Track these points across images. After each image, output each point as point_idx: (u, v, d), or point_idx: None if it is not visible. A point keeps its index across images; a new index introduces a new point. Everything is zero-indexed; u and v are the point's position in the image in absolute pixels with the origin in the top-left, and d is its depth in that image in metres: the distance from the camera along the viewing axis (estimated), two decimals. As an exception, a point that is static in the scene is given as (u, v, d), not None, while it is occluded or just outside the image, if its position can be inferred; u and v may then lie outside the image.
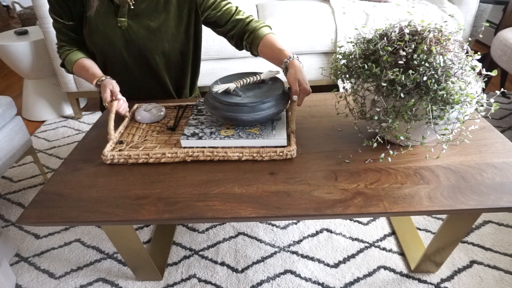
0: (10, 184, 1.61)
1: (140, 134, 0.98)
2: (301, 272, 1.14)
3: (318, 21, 1.87)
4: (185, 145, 0.89)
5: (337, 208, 0.72)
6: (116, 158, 0.88)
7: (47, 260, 1.23)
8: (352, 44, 0.87)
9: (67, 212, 0.75)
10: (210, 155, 0.87)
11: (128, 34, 1.04)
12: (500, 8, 2.43)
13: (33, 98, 2.12)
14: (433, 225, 1.27)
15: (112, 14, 1.03)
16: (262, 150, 0.86)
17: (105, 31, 1.03)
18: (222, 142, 0.88)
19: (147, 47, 1.06)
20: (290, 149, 0.85)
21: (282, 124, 0.93)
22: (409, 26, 0.79)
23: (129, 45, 1.06)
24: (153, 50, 1.07)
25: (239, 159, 0.87)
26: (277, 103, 0.88)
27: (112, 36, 1.04)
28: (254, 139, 0.87)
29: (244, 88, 0.93)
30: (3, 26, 3.06)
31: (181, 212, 0.73)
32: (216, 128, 0.92)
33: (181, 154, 0.87)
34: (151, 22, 1.04)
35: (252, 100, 0.86)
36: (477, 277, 1.09)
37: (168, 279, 1.14)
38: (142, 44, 1.06)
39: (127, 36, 1.04)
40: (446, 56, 0.72)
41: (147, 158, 0.88)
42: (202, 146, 0.88)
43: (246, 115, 0.86)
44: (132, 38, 1.05)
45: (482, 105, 0.74)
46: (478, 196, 0.72)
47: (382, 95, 0.76)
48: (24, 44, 1.90)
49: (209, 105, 0.90)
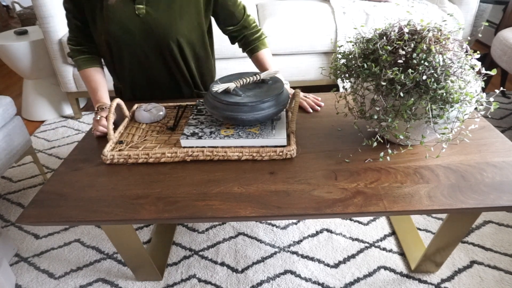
0: (10, 184, 1.61)
1: (140, 134, 0.98)
2: (301, 272, 1.13)
3: (318, 21, 1.87)
4: (185, 144, 0.89)
5: (337, 208, 0.72)
6: (116, 158, 0.88)
7: (47, 260, 1.23)
8: (352, 43, 0.87)
9: (67, 212, 0.75)
10: (209, 155, 0.87)
11: (146, 21, 1.01)
12: (500, 8, 2.43)
13: (33, 98, 2.12)
14: (433, 225, 1.27)
15: (129, 1, 1.00)
16: (262, 149, 0.86)
17: (122, 19, 1.00)
18: (222, 142, 0.88)
19: (165, 34, 1.04)
20: (290, 149, 0.85)
21: (282, 124, 0.92)
22: (409, 26, 0.79)
23: (146, 33, 1.03)
24: (170, 38, 1.04)
25: (239, 158, 0.87)
26: (277, 102, 0.88)
27: (129, 24, 1.01)
28: (254, 139, 0.87)
29: (244, 87, 0.93)
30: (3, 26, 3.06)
31: (180, 211, 0.73)
32: (216, 128, 0.92)
33: (180, 154, 0.87)
34: (169, 8, 1.02)
35: (252, 100, 0.86)
36: (477, 277, 1.09)
37: (168, 279, 1.13)
38: (161, 31, 1.03)
39: (145, 24, 1.01)
40: (446, 55, 0.72)
41: (147, 158, 0.88)
42: (202, 146, 0.88)
43: (246, 114, 0.86)
44: (150, 25, 1.01)
45: (482, 104, 0.74)
46: (478, 195, 0.72)
47: (382, 94, 0.75)
48: (24, 44, 1.90)
49: (209, 105, 0.90)
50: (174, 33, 1.04)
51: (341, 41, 1.87)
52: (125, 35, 1.02)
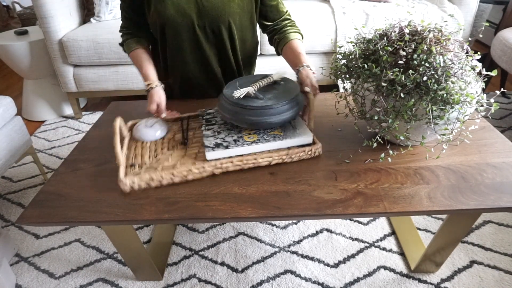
0: (10, 184, 1.61)
1: (149, 154, 0.90)
2: (301, 272, 1.14)
3: (318, 21, 1.87)
4: (212, 157, 0.83)
5: (337, 208, 0.72)
6: (137, 183, 0.79)
7: (47, 260, 1.23)
8: (352, 44, 0.87)
9: (67, 212, 0.75)
10: (239, 164, 0.83)
11: (202, 2, 1.02)
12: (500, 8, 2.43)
13: (33, 98, 2.12)
14: (433, 225, 1.27)
15: None
16: (290, 151, 0.84)
17: (178, 2, 1.01)
18: (251, 148, 0.84)
19: (217, 15, 1.03)
20: (317, 147, 0.86)
21: (300, 123, 0.92)
22: (409, 26, 0.79)
23: (201, 15, 1.03)
24: (223, 21, 1.04)
25: (269, 163, 0.84)
26: (297, 102, 0.87)
27: (184, 6, 1.01)
28: (281, 141, 0.85)
29: (260, 91, 0.90)
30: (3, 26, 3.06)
31: (181, 212, 0.73)
32: (237, 135, 0.88)
33: (209, 168, 0.81)
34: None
35: (275, 102, 0.84)
36: (477, 277, 1.09)
37: (168, 279, 1.14)
38: (215, 14, 1.03)
39: (200, 5, 1.02)
40: (446, 56, 0.72)
41: (172, 177, 0.80)
42: (229, 156, 0.84)
43: (273, 117, 0.83)
44: (205, 6, 1.02)
45: (482, 105, 0.74)
46: (478, 196, 0.72)
47: (382, 95, 0.76)
48: (24, 44, 1.90)
49: (228, 111, 0.86)
50: (226, 15, 1.04)
51: (341, 41, 1.87)
52: (180, 17, 1.02)
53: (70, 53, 1.87)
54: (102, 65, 1.95)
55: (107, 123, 1.08)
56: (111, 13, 2.07)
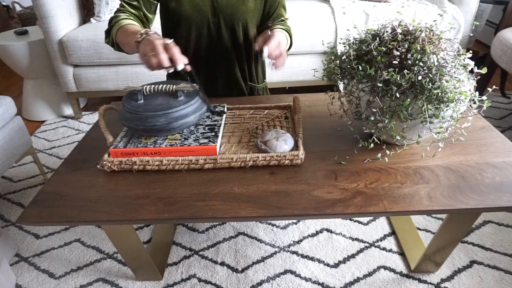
0: (10, 184, 1.61)
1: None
2: (301, 272, 1.14)
3: (318, 21, 1.87)
4: None
5: (337, 208, 0.72)
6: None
7: (47, 260, 1.23)
8: (344, 45, 0.87)
9: (67, 212, 0.75)
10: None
11: (217, 0, 1.02)
12: (500, 8, 2.43)
13: (33, 98, 2.12)
14: (433, 225, 1.27)
15: None
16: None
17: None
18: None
19: (232, 14, 1.04)
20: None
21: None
22: (401, 26, 0.79)
23: (215, 12, 1.03)
24: (237, 19, 1.05)
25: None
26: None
27: (200, 2, 1.02)
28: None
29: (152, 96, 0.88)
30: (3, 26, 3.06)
31: (181, 211, 0.73)
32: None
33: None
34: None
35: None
36: (477, 277, 1.09)
37: (168, 279, 1.14)
38: (229, 11, 1.03)
39: (214, 2, 1.02)
40: (439, 55, 0.72)
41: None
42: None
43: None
44: (220, 4, 1.02)
45: (475, 102, 0.74)
46: (478, 196, 0.72)
47: (378, 95, 0.75)
48: (24, 44, 1.90)
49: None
50: (240, 14, 1.04)
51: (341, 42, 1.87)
52: (196, 14, 1.03)
53: (70, 53, 1.87)
54: (102, 65, 1.95)
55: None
56: (111, 13, 2.07)
